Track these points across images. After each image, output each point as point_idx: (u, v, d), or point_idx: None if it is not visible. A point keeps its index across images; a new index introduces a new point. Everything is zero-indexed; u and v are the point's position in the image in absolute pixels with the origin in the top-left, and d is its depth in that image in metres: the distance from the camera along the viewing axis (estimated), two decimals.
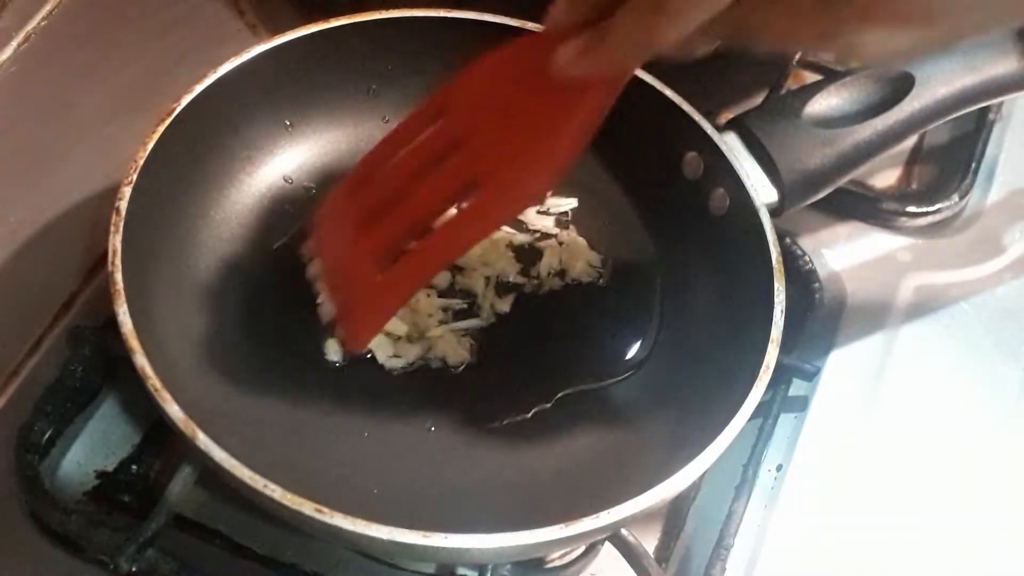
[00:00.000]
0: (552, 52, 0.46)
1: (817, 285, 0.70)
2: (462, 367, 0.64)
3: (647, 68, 0.67)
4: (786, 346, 0.61)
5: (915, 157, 0.79)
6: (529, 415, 0.62)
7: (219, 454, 0.51)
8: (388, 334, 0.63)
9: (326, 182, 0.70)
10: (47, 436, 0.61)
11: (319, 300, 0.59)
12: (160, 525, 0.57)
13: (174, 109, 0.62)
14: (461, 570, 0.60)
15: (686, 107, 0.66)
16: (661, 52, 0.44)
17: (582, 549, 0.61)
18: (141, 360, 0.53)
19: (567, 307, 0.67)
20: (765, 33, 0.44)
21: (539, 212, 0.70)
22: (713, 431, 0.54)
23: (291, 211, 0.68)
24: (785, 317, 0.59)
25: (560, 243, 0.69)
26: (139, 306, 0.55)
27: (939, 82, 0.66)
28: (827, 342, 0.69)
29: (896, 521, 0.63)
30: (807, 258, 0.71)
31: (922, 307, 0.71)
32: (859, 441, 0.65)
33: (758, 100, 0.75)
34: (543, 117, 0.49)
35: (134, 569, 0.56)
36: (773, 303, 0.59)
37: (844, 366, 0.68)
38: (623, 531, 0.56)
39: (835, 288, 0.71)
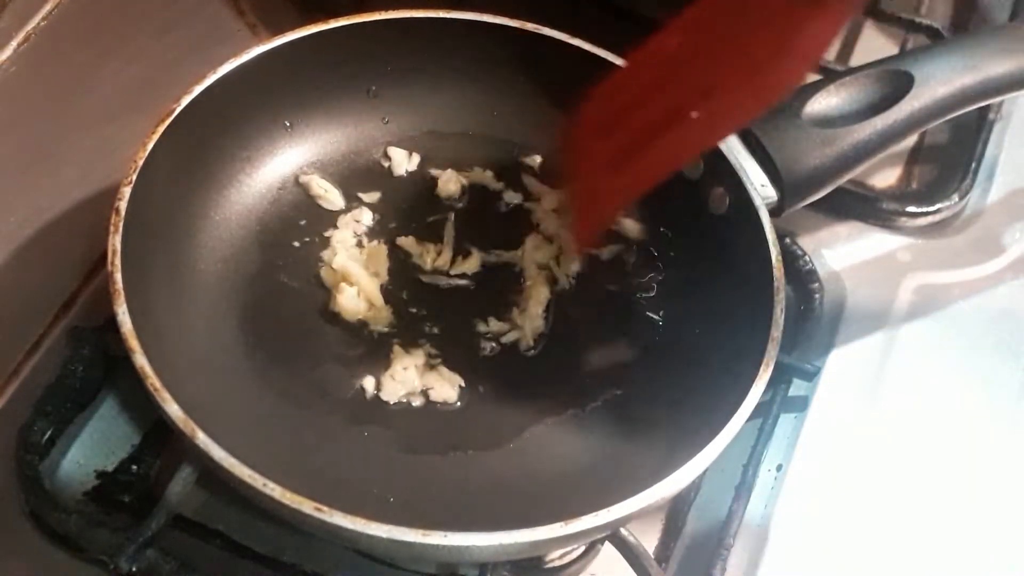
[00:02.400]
0: None
1: (817, 285, 0.70)
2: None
3: None
4: (786, 346, 0.61)
5: (915, 157, 0.79)
6: (533, 426, 0.63)
7: (218, 453, 0.51)
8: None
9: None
10: (47, 436, 0.61)
11: None
12: (160, 525, 0.57)
13: (174, 109, 0.62)
14: (461, 569, 0.60)
15: None
16: None
17: (582, 549, 0.61)
18: (141, 360, 0.53)
19: (568, 309, 0.67)
20: None
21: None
22: (713, 430, 0.54)
23: (290, 211, 0.68)
24: (785, 317, 0.59)
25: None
26: (139, 306, 0.55)
27: (938, 82, 0.66)
28: (827, 342, 0.69)
29: (896, 521, 0.63)
30: (807, 258, 0.71)
31: (922, 307, 0.71)
32: (859, 441, 0.65)
33: None
34: (773, 36, 0.50)
35: (134, 569, 0.56)
36: (773, 303, 0.59)
37: (844, 366, 0.68)
38: (623, 531, 0.56)
39: (835, 288, 0.71)
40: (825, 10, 0.48)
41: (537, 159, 0.73)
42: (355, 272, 0.65)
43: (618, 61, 0.67)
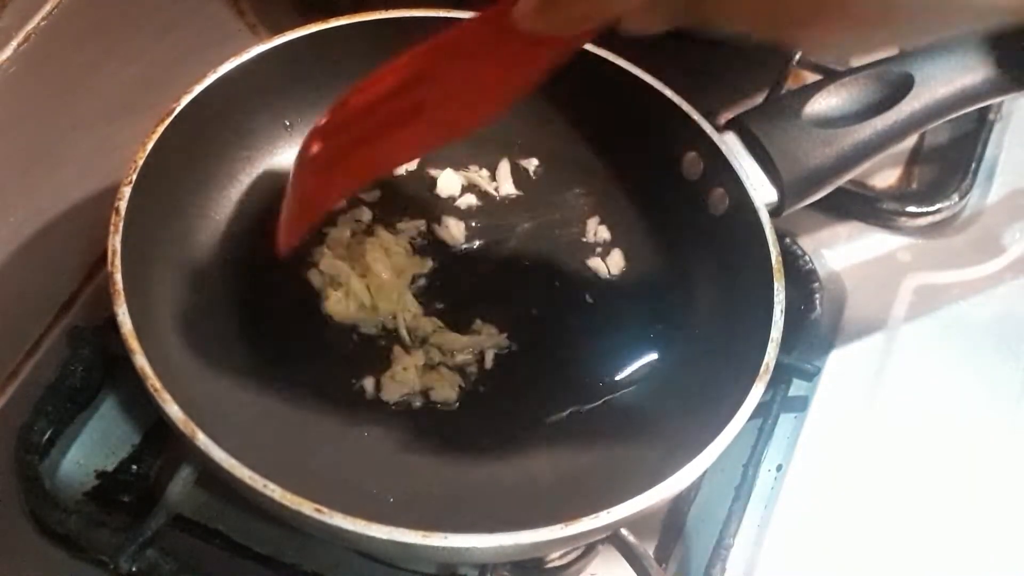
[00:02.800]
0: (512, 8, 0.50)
1: (817, 285, 0.70)
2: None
3: (646, 67, 0.67)
4: (786, 346, 0.61)
5: (915, 157, 0.79)
6: (533, 427, 0.62)
7: (218, 454, 0.51)
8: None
9: None
10: (47, 436, 0.61)
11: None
12: (160, 525, 0.57)
13: (174, 109, 0.62)
14: (461, 570, 0.60)
15: (686, 107, 0.66)
16: (612, 23, 0.47)
17: (582, 549, 0.61)
18: (140, 360, 0.53)
19: (567, 311, 0.67)
20: (717, 17, 0.45)
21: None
22: (713, 431, 0.54)
23: None
24: (785, 317, 0.59)
25: None
26: (139, 306, 0.55)
27: (939, 82, 0.66)
28: (827, 342, 0.69)
29: (896, 521, 0.63)
30: (807, 258, 0.71)
31: (922, 307, 0.71)
32: (859, 441, 0.65)
33: (758, 100, 0.75)
34: (494, 66, 0.53)
35: (134, 569, 0.56)
36: (773, 303, 0.59)
37: (844, 366, 0.68)
38: (623, 531, 0.56)
39: (835, 288, 0.71)
40: (539, 48, 0.51)
41: (534, 161, 0.73)
42: (343, 274, 0.65)
43: (618, 60, 0.67)
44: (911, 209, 0.74)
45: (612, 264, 0.69)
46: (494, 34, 0.51)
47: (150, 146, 0.60)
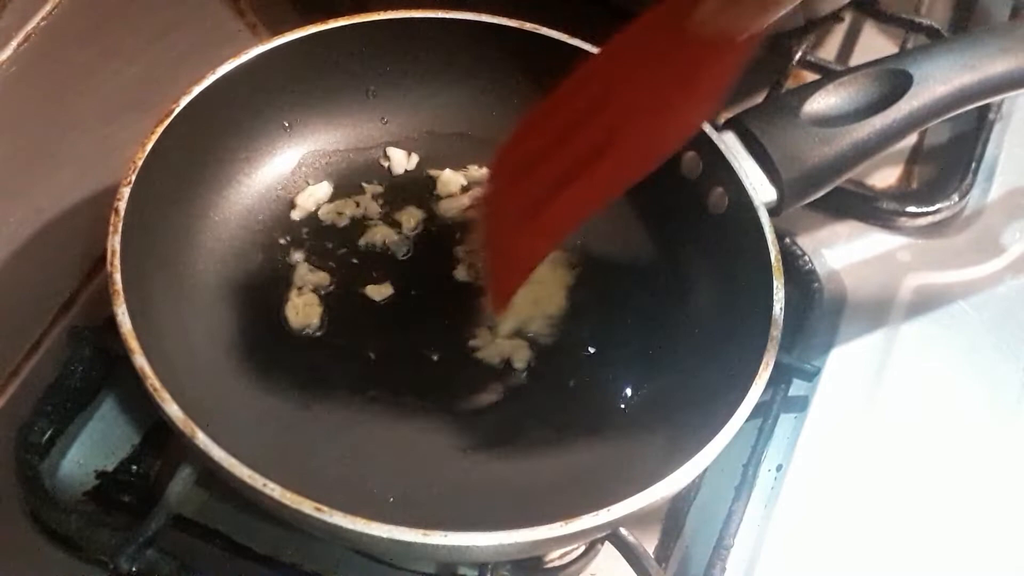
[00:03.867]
0: (690, 13, 0.48)
1: (817, 285, 0.70)
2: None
3: None
4: (786, 346, 0.61)
5: (915, 157, 0.79)
6: (533, 426, 0.62)
7: (218, 453, 0.51)
8: None
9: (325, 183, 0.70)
10: (47, 436, 0.61)
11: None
12: (160, 525, 0.57)
13: (173, 109, 0.62)
14: (461, 570, 0.60)
15: None
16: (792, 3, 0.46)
17: (582, 549, 0.61)
18: (140, 360, 0.53)
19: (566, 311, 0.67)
20: None
21: None
22: (712, 430, 0.54)
23: (290, 212, 0.68)
24: (785, 317, 0.59)
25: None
26: (138, 306, 0.55)
27: (937, 81, 0.66)
28: (827, 342, 0.69)
29: (896, 521, 0.63)
30: (807, 258, 0.71)
31: (922, 307, 0.71)
32: (859, 441, 0.65)
33: (757, 99, 0.75)
34: (678, 76, 0.51)
35: (134, 569, 0.56)
36: (772, 302, 0.59)
37: (844, 366, 0.68)
38: (623, 531, 0.56)
39: (835, 288, 0.71)
40: (723, 51, 0.49)
41: None
42: (302, 282, 0.65)
43: None
44: (911, 209, 0.74)
45: (610, 262, 0.69)
46: (670, 34, 0.50)
47: (149, 146, 0.60)
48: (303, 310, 0.64)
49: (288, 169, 0.70)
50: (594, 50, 0.67)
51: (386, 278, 0.67)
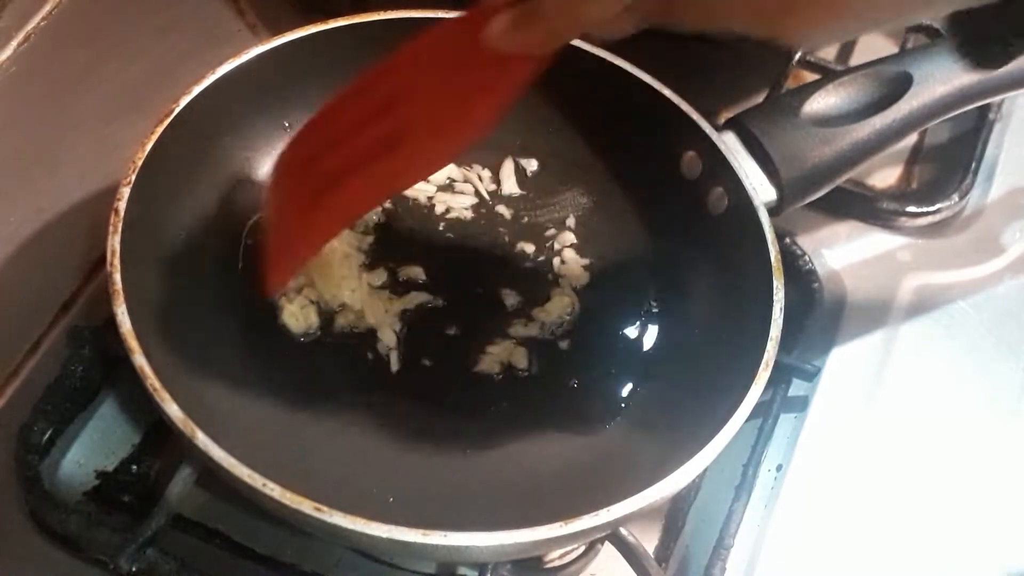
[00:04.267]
0: (484, 26, 0.48)
1: (817, 285, 0.70)
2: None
3: (645, 67, 0.67)
4: (786, 346, 0.61)
5: (915, 157, 0.79)
6: (533, 426, 0.62)
7: (218, 453, 0.51)
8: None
9: None
10: (47, 436, 0.61)
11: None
12: (160, 525, 0.57)
13: (173, 109, 0.62)
14: (461, 570, 0.60)
15: (685, 107, 0.66)
16: (587, 31, 0.47)
17: (582, 549, 0.61)
18: (140, 360, 0.53)
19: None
20: (690, 13, 0.46)
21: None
22: (712, 430, 0.54)
23: None
24: (785, 317, 0.59)
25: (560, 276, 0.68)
26: (138, 306, 0.55)
27: (937, 81, 0.66)
28: (827, 342, 0.69)
29: (896, 521, 0.63)
30: (807, 258, 0.71)
31: (922, 307, 0.71)
32: (859, 441, 0.65)
33: (757, 99, 0.76)
34: (468, 86, 0.52)
35: (134, 569, 0.56)
36: (772, 302, 0.59)
37: (844, 366, 0.68)
38: (622, 531, 0.56)
39: (835, 288, 0.71)
40: (510, 69, 0.50)
41: (534, 162, 0.73)
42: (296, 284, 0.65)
43: (617, 60, 0.67)
44: (911, 209, 0.74)
45: (610, 263, 0.69)
46: (465, 44, 0.50)
47: (149, 146, 0.60)
48: (300, 313, 0.64)
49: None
50: (593, 50, 0.67)
51: (391, 278, 0.67)
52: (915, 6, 0.46)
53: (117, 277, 0.55)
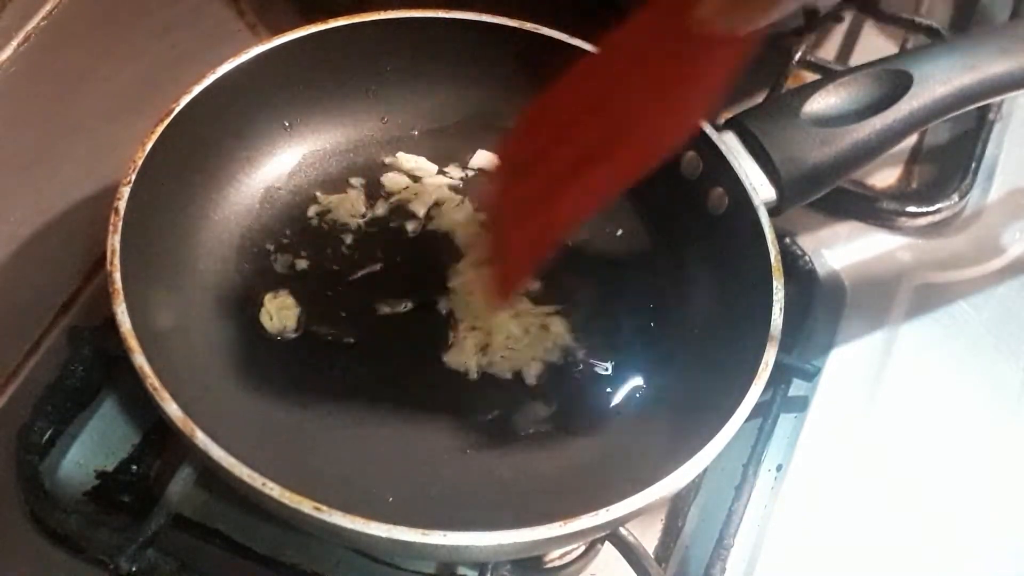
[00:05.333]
0: (691, 10, 0.48)
1: (817, 285, 0.70)
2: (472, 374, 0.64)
3: None
4: (786, 346, 0.61)
5: (915, 157, 0.79)
6: (532, 426, 0.62)
7: (218, 452, 0.51)
8: None
9: (324, 183, 0.70)
10: (47, 436, 0.61)
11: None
12: (160, 525, 0.57)
13: (173, 109, 0.62)
14: (461, 570, 0.60)
15: None
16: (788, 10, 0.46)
17: (582, 548, 0.61)
18: (140, 359, 0.53)
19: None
20: None
21: None
22: (712, 429, 0.54)
23: (289, 211, 0.68)
24: (785, 317, 0.59)
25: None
26: (138, 306, 0.55)
27: (937, 81, 0.66)
28: (827, 342, 0.69)
29: (896, 521, 0.63)
30: (807, 258, 0.71)
31: (922, 307, 0.71)
32: (859, 441, 0.65)
33: (757, 99, 0.75)
34: (678, 73, 0.51)
35: (134, 569, 0.56)
36: (772, 302, 0.59)
37: (844, 366, 0.68)
38: (622, 530, 0.56)
39: (835, 288, 0.71)
40: (725, 48, 0.49)
41: None
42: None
43: None
44: (911, 209, 0.74)
45: (610, 263, 0.69)
46: (667, 37, 0.49)
47: (150, 146, 0.60)
48: (276, 314, 0.64)
49: (288, 169, 0.70)
50: (593, 49, 0.67)
51: (386, 278, 0.67)
52: None
53: (117, 277, 0.55)
